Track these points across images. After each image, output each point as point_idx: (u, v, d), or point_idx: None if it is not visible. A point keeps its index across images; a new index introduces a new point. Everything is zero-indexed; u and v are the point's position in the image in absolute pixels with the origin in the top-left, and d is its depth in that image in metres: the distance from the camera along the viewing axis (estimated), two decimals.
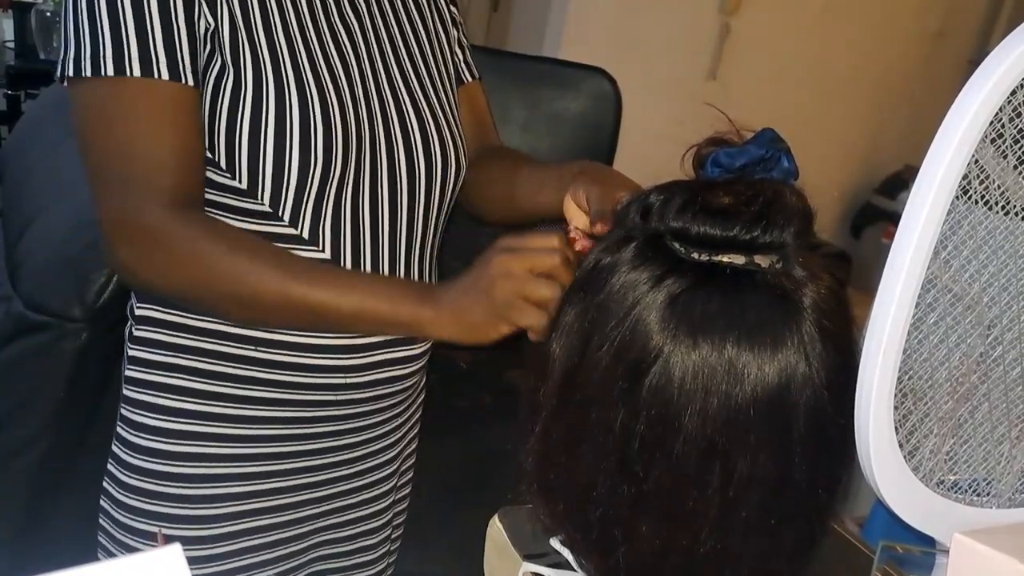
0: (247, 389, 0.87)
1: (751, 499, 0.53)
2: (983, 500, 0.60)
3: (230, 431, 0.88)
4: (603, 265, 0.56)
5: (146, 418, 0.88)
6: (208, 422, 0.88)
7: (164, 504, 0.88)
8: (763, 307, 0.52)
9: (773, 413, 0.52)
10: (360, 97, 0.85)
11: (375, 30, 0.90)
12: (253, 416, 0.88)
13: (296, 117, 0.80)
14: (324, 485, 0.95)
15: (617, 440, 0.54)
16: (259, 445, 0.89)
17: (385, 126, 0.87)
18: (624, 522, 0.55)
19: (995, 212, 0.54)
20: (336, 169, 0.83)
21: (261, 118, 0.79)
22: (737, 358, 0.51)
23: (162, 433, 0.88)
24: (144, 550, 0.87)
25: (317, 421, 0.91)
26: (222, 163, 0.81)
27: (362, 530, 1.01)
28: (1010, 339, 0.57)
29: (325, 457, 0.94)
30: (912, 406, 0.56)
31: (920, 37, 2.79)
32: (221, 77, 0.79)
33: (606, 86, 1.44)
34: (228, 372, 0.87)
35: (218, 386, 0.87)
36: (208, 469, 0.88)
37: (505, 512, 0.68)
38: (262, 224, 0.83)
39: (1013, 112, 0.51)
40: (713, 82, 2.46)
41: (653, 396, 0.52)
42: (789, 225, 0.53)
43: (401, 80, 0.90)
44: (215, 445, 0.88)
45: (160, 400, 0.87)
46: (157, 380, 0.88)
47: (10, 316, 1.00)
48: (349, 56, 0.85)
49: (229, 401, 0.88)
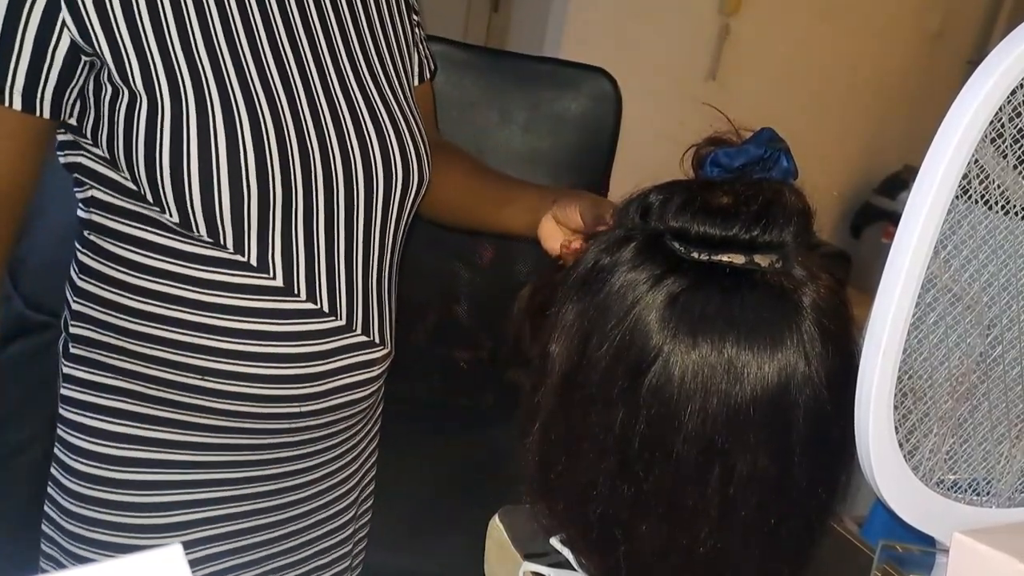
0: (193, 416, 0.82)
1: (751, 498, 0.53)
2: (983, 500, 0.60)
3: (175, 457, 0.83)
4: (602, 265, 0.56)
5: (85, 442, 0.83)
6: (151, 447, 0.83)
7: (111, 533, 0.84)
8: (763, 306, 0.53)
9: (773, 412, 0.52)
10: (304, 109, 0.78)
11: (326, 33, 0.82)
12: (200, 443, 0.84)
13: (222, 141, 0.73)
14: (279, 510, 0.91)
15: (617, 440, 0.54)
16: (206, 471, 0.85)
17: (340, 140, 0.80)
18: (624, 522, 0.55)
19: (995, 212, 0.54)
20: (275, 194, 0.76)
21: (182, 145, 0.72)
22: (737, 357, 0.51)
23: (103, 459, 0.83)
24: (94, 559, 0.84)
25: (270, 448, 0.86)
26: (148, 197, 0.75)
27: (325, 547, 0.97)
28: (1010, 338, 0.57)
29: (280, 482, 0.89)
30: (912, 405, 0.56)
31: (920, 37, 2.79)
32: (134, 103, 0.72)
33: (606, 86, 1.44)
34: (171, 399, 0.82)
35: (160, 411, 0.82)
36: (154, 498, 0.84)
37: (505, 512, 0.68)
38: (204, 246, 0.77)
39: (1013, 112, 0.51)
40: (713, 82, 2.46)
41: (653, 395, 0.52)
42: (788, 225, 0.54)
43: (356, 83, 0.83)
44: (160, 471, 0.83)
45: (98, 424, 0.82)
46: (94, 402, 0.82)
47: (10, 316, 1.00)
48: (289, 64, 0.78)
49: (173, 427, 0.83)
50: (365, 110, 0.83)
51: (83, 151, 0.78)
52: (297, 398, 0.84)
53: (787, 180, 0.56)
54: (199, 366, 0.81)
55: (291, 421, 0.86)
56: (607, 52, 2.02)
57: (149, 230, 0.77)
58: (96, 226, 0.80)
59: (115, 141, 0.74)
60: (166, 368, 0.81)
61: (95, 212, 0.80)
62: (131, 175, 0.75)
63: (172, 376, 0.81)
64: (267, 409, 0.84)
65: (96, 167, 0.77)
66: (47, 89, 0.72)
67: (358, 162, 0.82)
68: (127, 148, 0.74)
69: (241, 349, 0.81)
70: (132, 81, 0.72)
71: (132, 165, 0.74)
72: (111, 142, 0.75)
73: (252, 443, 0.86)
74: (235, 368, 0.81)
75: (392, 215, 0.87)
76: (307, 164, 0.78)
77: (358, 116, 0.82)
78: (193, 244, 0.77)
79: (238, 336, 0.80)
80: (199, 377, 0.81)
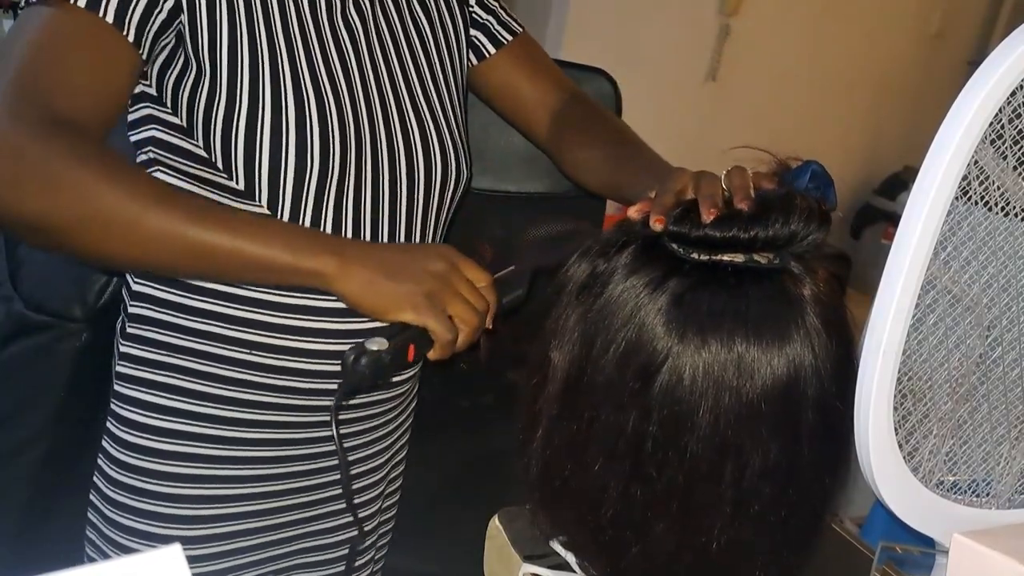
0: (240, 391, 0.87)
1: (763, 491, 0.53)
2: (982, 501, 0.60)
3: (223, 432, 0.87)
4: (600, 271, 0.56)
5: (136, 415, 0.87)
6: (200, 422, 0.87)
7: (154, 503, 0.88)
8: (767, 302, 0.53)
9: (783, 405, 0.52)
10: (360, 98, 0.84)
11: (378, 32, 0.89)
12: (246, 419, 0.87)
13: (292, 118, 0.79)
14: (313, 490, 0.94)
15: (628, 443, 0.54)
16: (250, 448, 0.89)
17: (386, 129, 0.86)
18: (637, 523, 0.55)
19: (995, 213, 0.54)
20: (334, 171, 0.82)
21: (257, 119, 0.78)
22: (746, 353, 0.51)
23: (153, 431, 0.87)
24: (134, 547, 0.88)
25: (309, 426, 0.90)
26: (219, 163, 0.80)
27: (347, 537, 1.00)
28: (1009, 340, 0.57)
29: (316, 462, 0.93)
30: (912, 407, 0.56)
31: (920, 38, 2.79)
32: (216, 75, 0.78)
33: (606, 86, 1.44)
34: (221, 374, 0.86)
35: (210, 387, 0.86)
36: (200, 470, 0.88)
37: (505, 512, 0.68)
38: None
39: (1013, 113, 0.51)
40: (713, 83, 2.46)
41: (664, 397, 0.52)
42: (787, 223, 0.54)
43: (403, 82, 0.89)
44: (207, 446, 0.87)
45: (151, 398, 0.87)
46: (148, 378, 0.87)
47: (10, 316, 1.00)
48: (349, 57, 0.85)
49: (221, 403, 0.87)
50: (409, 105, 0.89)
51: (156, 123, 0.82)
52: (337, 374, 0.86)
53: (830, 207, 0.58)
54: (251, 340, 0.84)
55: (325, 382, 0.88)
56: (607, 52, 2.02)
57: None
58: None
59: (196, 107, 0.79)
60: (219, 344, 0.85)
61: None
62: (205, 142, 0.79)
63: (224, 351, 0.85)
64: (313, 385, 0.87)
65: (168, 138, 0.81)
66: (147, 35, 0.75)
67: (401, 151, 0.87)
68: (206, 115, 0.78)
69: (291, 324, 0.84)
70: (219, 55, 0.78)
71: (209, 133, 0.79)
72: (192, 108, 0.79)
73: (295, 421, 0.89)
74: (285, 343, 0.85)
75: (433, 207, 0.91)
76: (360, 147, 0.83)
77: (403, 110, 0.88)
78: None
79: (289, 311, 0.84)
80: (249, 352, 0.85)
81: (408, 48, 0.91)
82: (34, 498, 1.02)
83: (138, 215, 0.68)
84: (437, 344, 0.73)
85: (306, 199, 0.81)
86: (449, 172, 0.92)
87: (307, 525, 0.96)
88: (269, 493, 0.91)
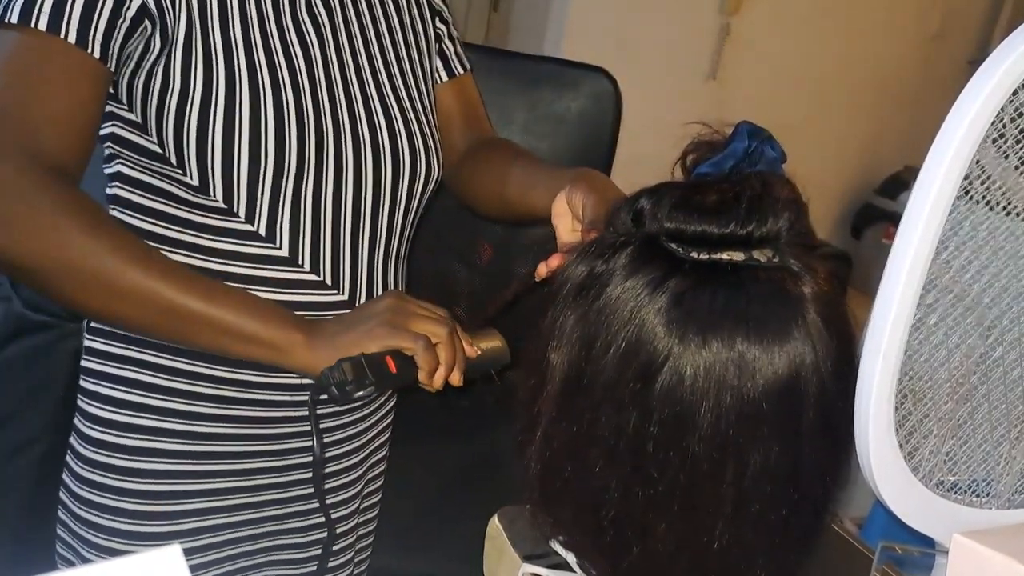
0: (197, 385, 0.86)
1: (764, 490, 0.53)
2: (982, 501, 0.60)
3: (186, 447, 0.87)
4: (598, 272, 0.56)
5: (99, 410, 0.87)
6: (164, 438, 0.86)
7: (115, 498, 0.87)
8: (767, 300, 0.53)
9: (784, 403, 0.52)
10: (323, 93, 0.83)
11: (347, 26, 0.88)
12: (208, 433, 0.87)
13: (246, 110, 0.78)
14: (287, 503, 0.94)
15: (629, 443, 0.54)
16: (215, 462, 0.88)
17: (352, 124, 0.85)
18: (638, 523, 0.55)
19: (996, 213, 0.54)
20: (290, 165, 0.81)
21: (210, 110, 0.78)
22: (747, 352, 0.51)
23: (115, 426, 0.86)
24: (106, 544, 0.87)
25: (272, 422, 0.90)
26: (172, 159, 0.80)
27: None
28: (1010, 340, 0.57)
29: (282, 459, 0.92)
30: (912, 407, 0.56)
31: (920, 38, 2.79)
32: (169, 69, 0.77)
33: (606, 86, 1.44)
34: (176, 367, 0.85)
35: (166, 380, 0.86)
36: (164, 486, 0.87)
37: (505, 512, 0.68)
38: (215, 218, 0.82)
39: (1015, 112, 0.51)
40: (713, 82, 2.46)
41: (666, 397, 0.52)
42: (781, 216, 0.54)
43: (371, 78, 0.89)
44: (171, 461, 0.87)
45: (113, 392, 0.86)
46: (108, 372, 0.87)
47: (10, 316, 1.00)
48: (314, 51, 0.84)
49: (184, 418, 0.86)
50: (377, 101, 0.89)
51: (116, 120, 0.82)
52: (302, 386, 0.87)
53: (776, 169, 0.56)
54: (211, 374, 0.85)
55: (293, 393, 0.88)
56: (607, 52, 2.02)
57: (165, 203, 0.82)
58: (119, 200, 0.85)
59: (148, 101, 0.79)
60: (176, 356, 0.85)
61: (119, 187, 0.85)
62: (159, 137, 0.79)
63: (182, 364, 0.85)
64: (268, 379, 0.87)
65: (126, 135, 0.82)
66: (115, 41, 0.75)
67: (367, 145, 0.87)
68: (159, 109, 0.78)
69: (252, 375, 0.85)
70: (174, 48, 0.77)
71: (162, 127, 0.79)
72: (145, 102, 0.79)
73: (255, 415, 0.89)
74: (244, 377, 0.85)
75: (400, 203, 0.91)
76: (321, 141, 0.83)
77: (370, 105, 0.88)
78: (206, 216, 0.82)
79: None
80: (211, 366, 0.85)
81: (378, 44, 0.91)
82: (34, 498, 1.02)
83: (118, 270, 0.70)
84: (419, 359, 0.75)
85: (262, 194, 0.81)
86: (418, 168, 0.91)
87: (277, 523, 0.95)
88: (237, 506, 0.91)
